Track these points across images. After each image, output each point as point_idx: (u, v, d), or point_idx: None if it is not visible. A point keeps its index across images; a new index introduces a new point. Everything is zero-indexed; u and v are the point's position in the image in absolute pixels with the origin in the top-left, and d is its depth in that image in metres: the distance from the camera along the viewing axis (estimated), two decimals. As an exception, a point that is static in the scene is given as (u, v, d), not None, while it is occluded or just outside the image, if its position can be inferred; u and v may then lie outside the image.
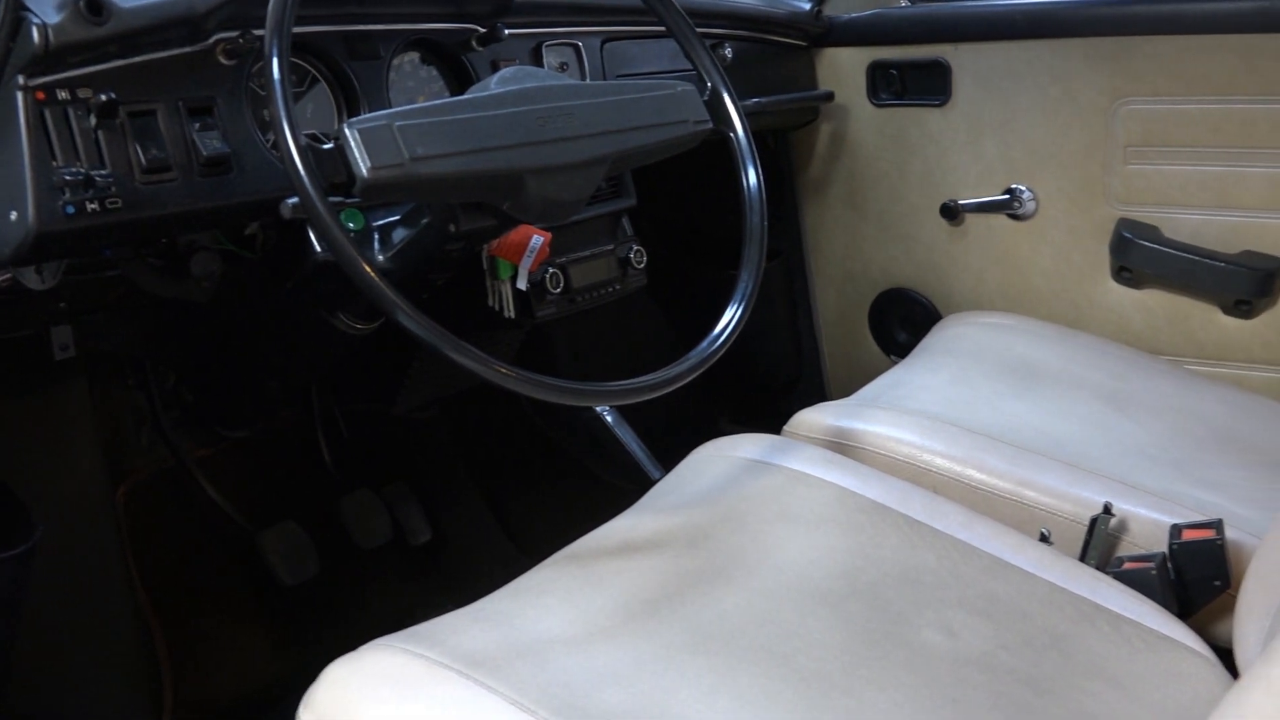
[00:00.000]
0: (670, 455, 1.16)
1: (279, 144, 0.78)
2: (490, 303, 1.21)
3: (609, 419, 1.40)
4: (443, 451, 1.81)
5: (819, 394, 2.05)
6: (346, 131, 0.79)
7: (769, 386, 2.12)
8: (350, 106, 1.11)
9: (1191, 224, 1.55)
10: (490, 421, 1.87)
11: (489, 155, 0.84)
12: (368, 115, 0.82)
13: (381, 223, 1.06)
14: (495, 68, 1.23)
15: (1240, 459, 1.19)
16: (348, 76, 1.10)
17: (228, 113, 0.98)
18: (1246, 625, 0.82)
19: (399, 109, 0.83)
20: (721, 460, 1.09)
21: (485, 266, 1.18)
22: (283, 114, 0.78)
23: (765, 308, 2.00)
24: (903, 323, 1.88)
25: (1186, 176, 1.53)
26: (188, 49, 0.95)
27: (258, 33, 0.97)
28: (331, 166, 0.80)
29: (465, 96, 0.90)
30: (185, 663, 1.44)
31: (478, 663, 0.76)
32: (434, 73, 1.22)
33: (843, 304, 1.95)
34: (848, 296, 1.94)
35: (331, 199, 0.80)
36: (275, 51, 0.79)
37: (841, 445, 1.19)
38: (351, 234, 1.03)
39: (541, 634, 0.81)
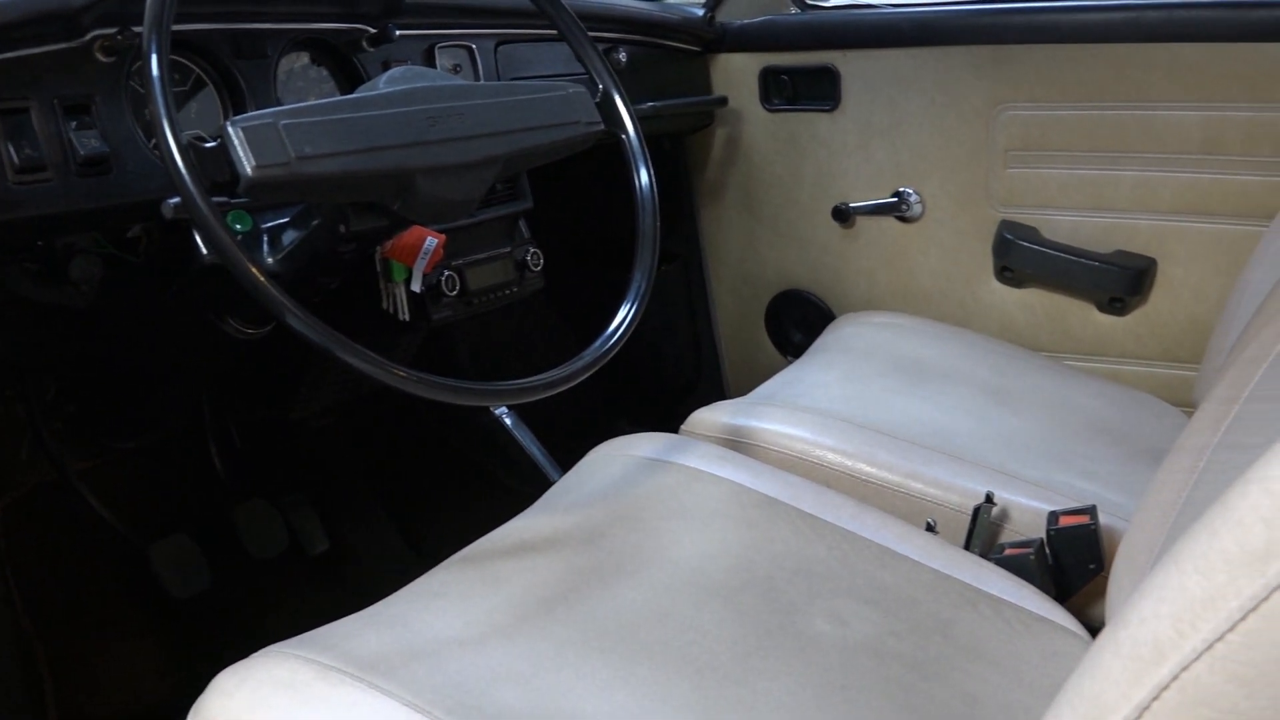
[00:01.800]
0: (572, 459, 1.17)
1: (159, 143, 0.76)
2: (384, 305, 1.19)
3: (508, 422, 1.39)
4: (340, 458, 1.78)
5: (718, 394, 2.08)
6: (230, 129, 0.78)
7: (669, 388, 2.14)
8: (237, 107, 1.09)
9: (1068, 225, 1.61)
10: (388, 427, 1.84)
11: (377, 155, 0.84)
12: (252, 113, 0.81)
13: (270, 225, 1.04)
14: (387, 68, 1.22)
15: (1113, 448, 1.25)
16: (233, 76, 1.08)
17: (107, 111, 0.95)
18: (1116, 604, 0.86)
19: (285, 107, 0.82)
20: (618, 459, 1.10)
21: (379, 269, 1.17)
22: (162, 112, 0.76)
23: (664, 310, 2.02)
24: (798, 323, 1.92)
25: (1063, 179, 1.60)
26: (63, 45, 0.92)
27: (137, 29, 0.94)
28: (214, 165, 0.78)
29: (353, 96, 0.89)
30: (70, 683, 1.39)
31: (371, 666, 0.75)
32: (324, 73, 1.21)
33: (740, 306, 1.98)
34: (744, 298, 1.97)
35: (216, 199, 0.79)
36: (154, 48, 0.78)
37: (737, 442, 1.21)
38: (239, 236, 1.01)
39: (436, 635, 0.80)
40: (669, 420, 1.37)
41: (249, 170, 0.77)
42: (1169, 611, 0.38)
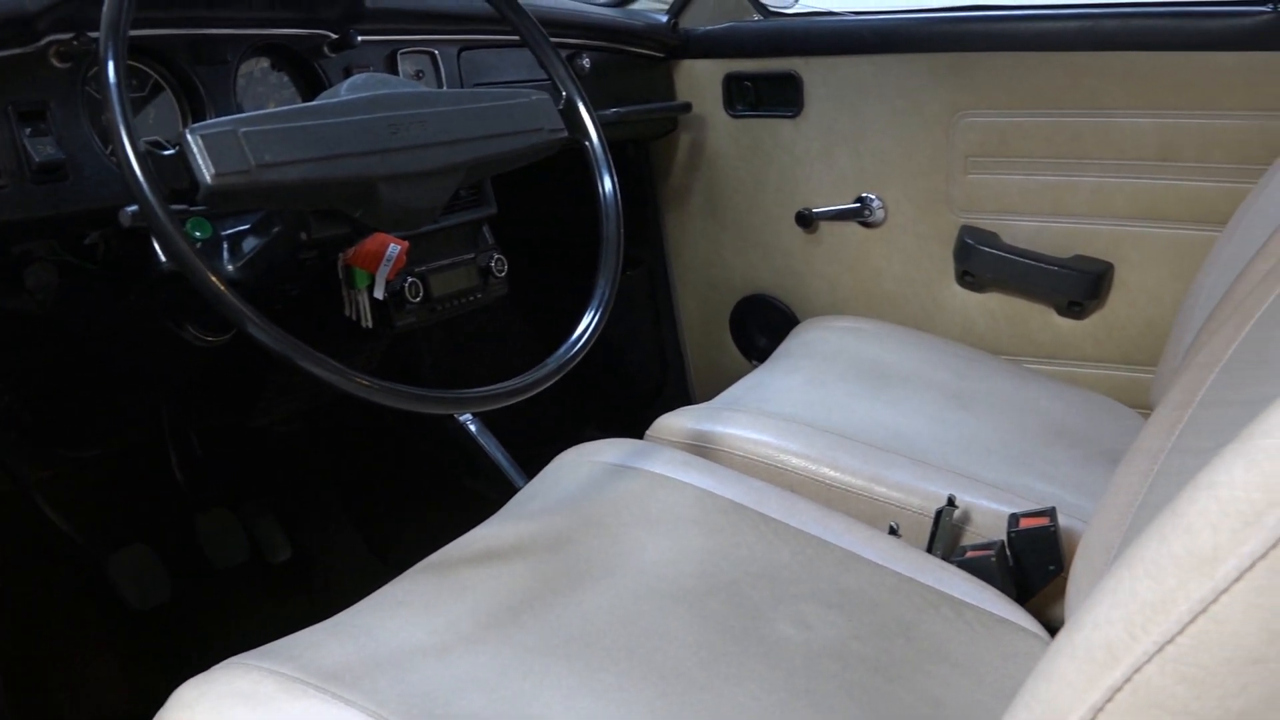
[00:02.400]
0: (539, 464, 1.17)
1: (116, 150, 0.76)
2: (347, 313, 1.19)
3: (472, 428, 1.39)
4: (303, 466, 1.77)
5: (684, 399, 2.08)
6: (189, 137, 0.77)
7: (635, 393, 2.15)
8: (196, 113, 1.08)
9: (1028, 230, 1.64)
10: (352, 433, 1.83)
11: (339, 162, 0.83)
12: (212, 121, 0.80)
13: (231, 231, 1.03)
14: (348, 75, 1.22)
15: (1072, 450, 1.27)
16: (192, 82, 1.07)
17: (62, 118, 0.94)
18: (1075, 605, 0.87)
19: (245, 115, 0.81)
20: (583, 465, 1.10)
21: (341, 276, 1.16)
22: (119, 118, 0.75)
23: (629, 316, 2.02)
24: (762, 328, 1.93)
25: (1022, 185, 1.62)
26: (18, 50, 0.91)
27: (93, 35, 0.93)
28: (173, 173, 0.78)
29: (314, 103, 0.88)
30: (28, 697, 1.36)
31: (334, 676, 0.74)
32: (285, 79, 1.20)
33: (705, 310, 1.99)
34: (709, 303, 1.98)
35: (175, 207, 0.78)
36: (110, 55, 0.77)
37: (702, 448, 1.22)
38: (199, 243, 1.01)
39: (401, 645, 0.80)
40: (635, 425, 1.37)
41: (208, 178, 0.77)
42: (1121, 615, 0.39)
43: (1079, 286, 1.59)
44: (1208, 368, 0.80)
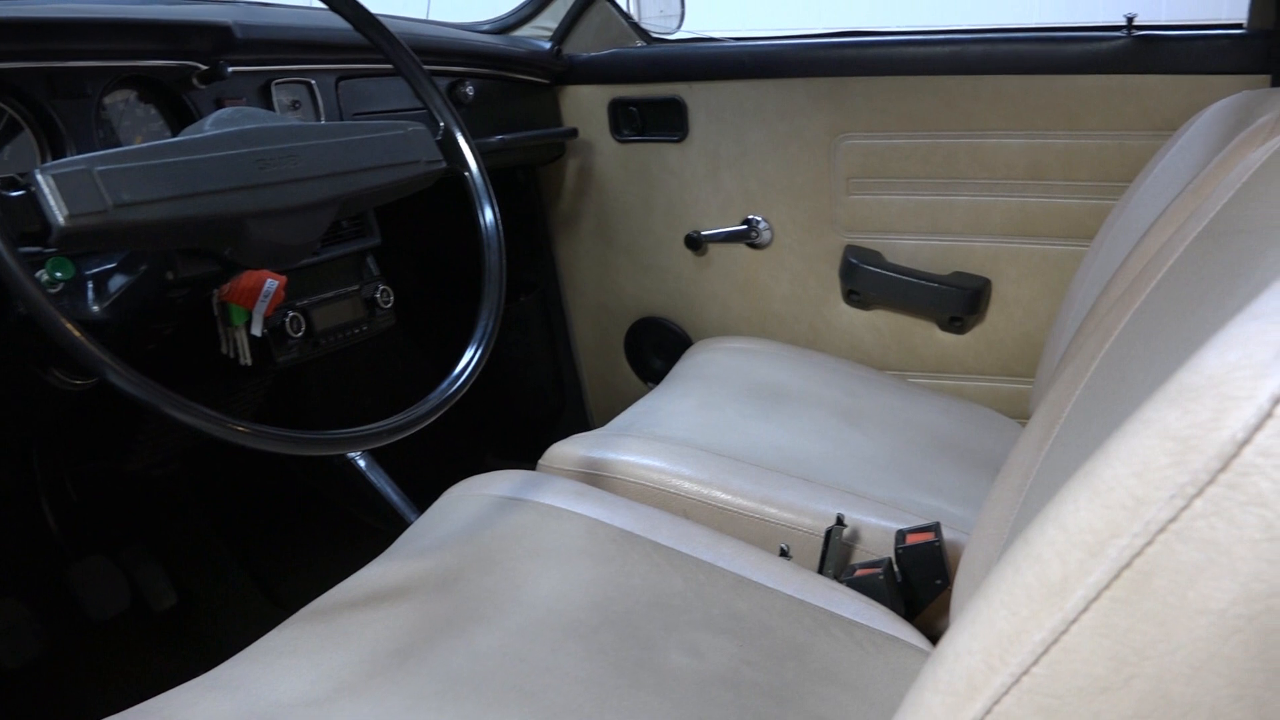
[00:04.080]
0: (438, 494, 1.14)
1: None
2: (224, 350, 1.15)
3: (361, 463, 1.36)
4: (185, 507, 1.71)
5: (582, 423, 2.08)
6: (39, 178, 0.74)
7: (533, 419, 2.13)
8: (56, 150, 1.04)
9: (909, 248, 1.68)
10: (236, 471, 1.78)
11: (202, 200, 0.81)
12: (65, 159, 0.77)
13: (96, 270, 0.99)
14: (220, 106, 1.18)
15: (957, 463, 1.30)
16: (50, 117, 1.02)
17: None
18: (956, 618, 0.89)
19: (101, 152, 0.78)
20: (473, 499, 1.08)
21: (216, 313, 1.13)
22: (-39, 160, 0.72)
23: (524, 341, 2.01)
24: (657, 350, 1.94)
25: (902, 205, 1.66)
26: None
27: None
28: (23, 215, 0.74)
29: (176, 139, 0.85)
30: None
31: (209, 736, 0.72)
32: (153, 111, 1.16)
33: (599, 334, 1.99)
34: (603, 327, 1.98)
35: (28, 250, 0.74)
36: None
37: (595, 476, 1.21)
38: (60, 284, 0.96)
39: (281, 698, 0.77)
40: (534, 451, 1.36)
41: (61, 220, 0.73)
42: (980, 646, 0.39)
43: (959, 302, 1.63)
44: (1073, 382, 0.83)
